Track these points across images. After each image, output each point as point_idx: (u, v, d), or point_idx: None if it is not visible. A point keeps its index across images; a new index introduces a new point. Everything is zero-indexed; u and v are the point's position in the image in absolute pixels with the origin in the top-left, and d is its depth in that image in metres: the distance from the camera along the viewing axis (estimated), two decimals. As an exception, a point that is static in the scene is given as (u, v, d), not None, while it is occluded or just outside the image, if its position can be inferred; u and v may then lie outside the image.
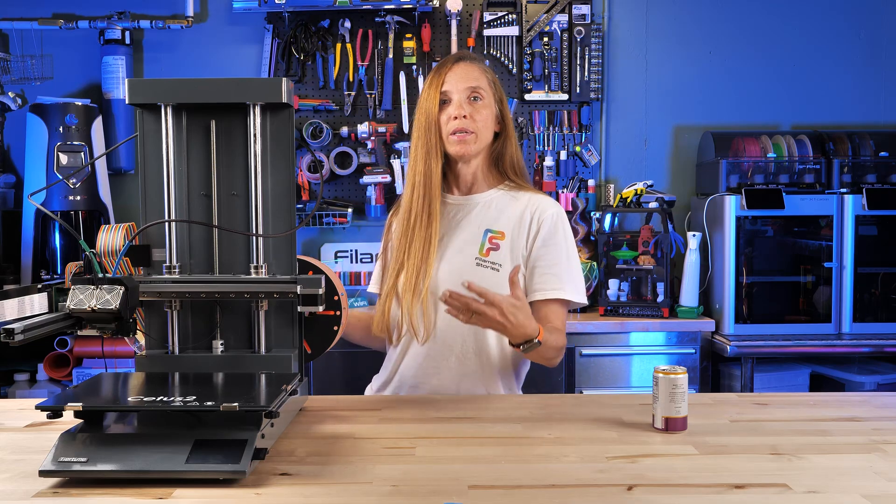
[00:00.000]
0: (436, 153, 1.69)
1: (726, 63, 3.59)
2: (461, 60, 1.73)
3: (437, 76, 1.71)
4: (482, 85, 1.71)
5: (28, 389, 3.04)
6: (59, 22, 3.43)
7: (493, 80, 1.76)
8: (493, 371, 1.72)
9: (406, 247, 1.70)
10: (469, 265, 1.69)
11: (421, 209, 1.68)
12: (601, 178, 3.61)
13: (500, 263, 1.69)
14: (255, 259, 1.38)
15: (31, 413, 1.49)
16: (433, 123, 1.69)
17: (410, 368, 1.73)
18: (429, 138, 1.69)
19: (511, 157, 1.78)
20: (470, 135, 1.68)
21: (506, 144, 1.77)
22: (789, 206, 3.11)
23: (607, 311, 3.21)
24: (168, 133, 1.36)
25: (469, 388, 1.71)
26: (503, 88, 3.49)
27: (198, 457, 1.10)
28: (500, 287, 1.66)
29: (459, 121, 1.67)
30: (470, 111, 1.68)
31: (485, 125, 1.71)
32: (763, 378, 3.12)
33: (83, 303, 1.22)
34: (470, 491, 1.08)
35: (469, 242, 1.72)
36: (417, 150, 1.71)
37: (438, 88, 1.70)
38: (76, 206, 3.15)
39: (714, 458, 1.22)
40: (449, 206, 1.77)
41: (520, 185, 1.79)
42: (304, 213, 3.38)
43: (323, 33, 3.48)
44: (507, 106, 1.77)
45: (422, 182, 1.69)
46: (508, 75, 3.53)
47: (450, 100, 1.70)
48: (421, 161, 1.70)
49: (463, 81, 1.70)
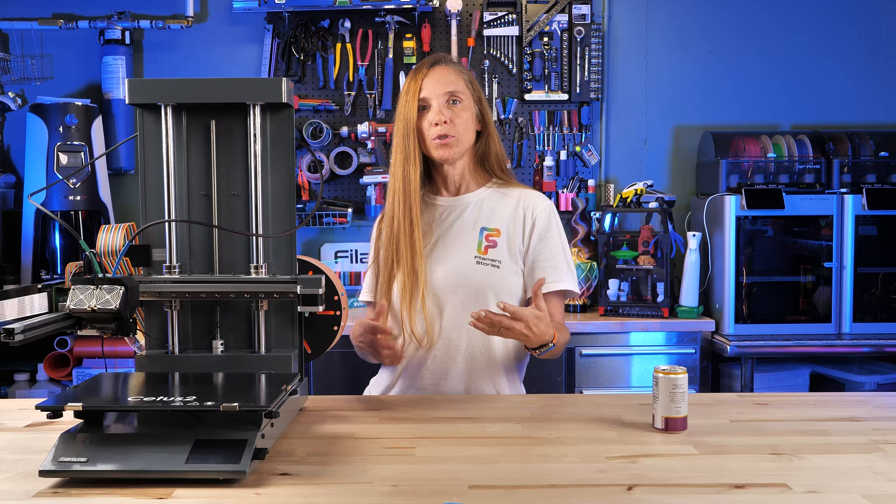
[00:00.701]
0: (414, 160, 1.69)
1: (726, 63, 3.59)
2: (437, 64, 1.73)
3: (413, 82, 1.70)
4: (460, 88, 1.71)
5: (28, 389, 3.04)
6: (59, 22, 3.43)
7: (471, 79, 1.76)
8: (499, 367, 1.73)
9: (394, 256, 1.69)
10: (469, 264, 1.70)
11: (402, 216, 1.68)
12: (601, 178, 3.61)
13: (499, 260, 1.70)
14: (255, 259, 1.38)
15: (31, 413, 1.49)
16: (412, 130, 1.69)
17: (416, 372, 1.73)
18: (406, 144, 1.69)
19: (496, 154, 1.79)
20: (451, 139, 1.69)
21: (489, 143, 1.78)
22: (789, 206, 3.11)
23: (607, 311, 3.21)
24: (168, 133, 1.36)
25: (477, 387, 1.71)
26: (503, 89, 3.54)
27: (198, 457, 1.10)
28: (501, 283, 1.69)
29: (440, 127, 1.68)
30: (450, 115, 1.69)
31: (465, 128, 1.71)
32: (763, 378, 3.12)
33: (83, 303, 1.22)
34: (470, 491, 1.08)
35: (466, 242, 1.72)
36: (396, 157, 1.71)
37: (416, 95, 1.69)
38: (76, 206, 3.15)
39: (714, 458, 1.22)
40: (440, 208, 1.77)
41: (507, 182, 1.80)
42: (304, 213, 3.38)
43: (323, 33, 3.48)
44: (486, 104, 1.77)
45: (401, 188, 1.69)
46: (508, 75, 3.53)
47: (429, 106, 1.70)
48: (399, 167, 1.69)
49: (440, 86, 1.69)
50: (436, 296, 1.69)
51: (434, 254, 1.72)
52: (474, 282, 1.68)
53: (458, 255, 1.71)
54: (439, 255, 1.72)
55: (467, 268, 1.69)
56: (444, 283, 1.69)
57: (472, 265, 1.70)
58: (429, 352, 1.71)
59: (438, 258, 1.72)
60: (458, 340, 1.70)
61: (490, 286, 1.69)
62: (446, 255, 1.72)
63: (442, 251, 1.73)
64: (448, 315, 1.70)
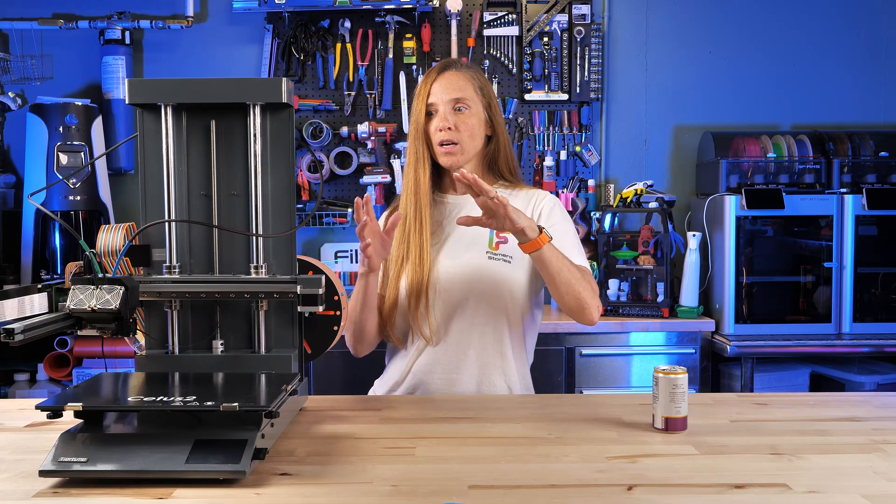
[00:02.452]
0: (423, 162, 1.74)
1: (726, 63, 3.59)
2: (446, 70, 1.76)
3: (423, 87, 1.75)
4: (467, 95, 1.74)
5: (28, 389, 3.03)
6: (59, 22, 3.43)
7: (482, 85, 1.78)
8: (511, 363, 1.73)
9: (404, 253, 1.73)
10: (481, 260, 1.71)
11: (413, 217, 1.73)
12: (601, 178, 3.61)
13: (510, 255, 1.72)
14: (255, 259, 1.38)
15: (31, 413, 1.49)
16: (421, 134, 1.74)
17: (428, 369, 1.73)
18: (417, 147, 1.75)
19: (505, 158, 1.81)
20: (456, 146, 1.72)
21: (498, 147, 1.80)
22: (789, 206, 3.11)
23: (607, 311, 3.21)
24: (168, 133, 1.36)
25: (489, 382, 1.72)
26: (503, 89, 3.54)
27: (198, 457, 1.10)
28: (514, 277, 1.71)
29: (444, 132, 1.71)
30: (455, 122, 1.72)
31: (470, 135, 1.73)
32: (763, 378, 3.12)
33: (83, 303, 1.22)
34: (470, 491, 1.08)
35: (476, 239, 1.74)
36: (409, 159, 1.78)
37: (425, 100, 1.74)
38: (76, 206, 3.15)
39: (714, 458, 1.22)
40: (449, 206, 1.80)
41: (515, 184, 1.82)
42: (304, 213, 3.38)
43: (323, 33, 3.48)
44: (497, 109, 1.80)
45: (412, 189, 1.75)
46: (508, 75, 3.53)
47: (435, 111, 1.74)
48: (411, 169, 1.76)
49: (447, 93, 1.73)
50: (449, 291, 1.70)
51: (445, 250, 1.74)
52: (488, 277, 1.70)
53: (468, 252, 1.73)
54: (451, 251, 1.74)
55: (481, 263, 1.71)
56: (458, 280, 1.70)
57: (484, 261, 1.72)
58: (440, 349, 1.72)
59: (450, 254, 1.74)
60: (469, 336, 1.71)
61: (503, 281, 1.70)
62: (456, 251, 1.74)
63: (453, 247, 1.75)
64: (460, 312, 1.71)
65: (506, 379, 1.73)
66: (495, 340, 1.72)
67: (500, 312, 1.71)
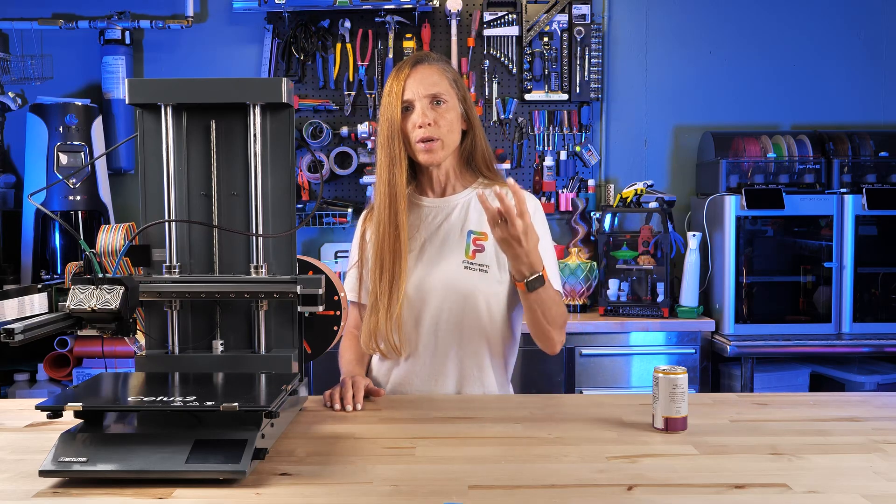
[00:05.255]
0: (399, 163, 1.64)
1: (726, 63, 3.59)
2: (419, 63, 1.67)
3: (396, 82, 1.65)
4: (443, 88, 1.66)
5: (28, 389, 3.04)
6: (59, 22, 3.43)
7: (455, 78, 1.70)
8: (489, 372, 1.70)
9: (380, 260, 1.65)
10: (457, 269, 1.67)
11: (388, 221, 1.64)
12: (601, 178, 3.61)
13: (486, 265, 1.67)
14: (255, 259, 1.38)
15: (31, 413, 1.49)
16: (396, 132, 1.64)
17: (405, 380, 1.71)
18: (392, 147, 1.64)
19: (482, 153, 1.75)
20: (436, 142, 1.65)
21: (475, 142, 1.74)
22: (789, 206, 3.11)
23: (607, 311, 3.21)
24: (168, 133, 1.36)
25: (468, 389, 1.70)
26: (503, 89, 3.54)
27: (198, 457, 1.10)
28: (489, 288, 1.66)
29: (424, 129, 1.63)
30: (434, 117, 1.64)
31: (450, 129, 1.66)
32: (763, 378, 3.12)
33: (83, 303, 1.22)
34: (470, 491, 1.08)
35: (453, 246, 1.69)
36: (381, 160, 1.66)
37: (399, 96, 1.64)
38: (76, 206, 3.15)
39: (714, 458, 1.22)
40: (426, 209, 1.73)
41: (494, 181, 1.75)
42: (304, 213, 3.38)
43: (323, 33, 3.48)
44: (471, 103, 1.73)
45: (386, 192, 1.64)
46: (508, 75, 3.53)
47: (412, 107, 1.64)
48: (385, 171, 1.65)
49: (424, 87, 1.64)
50: (423, 300, 1.66)
51: (422, 258, 1.69)
52: (462, 287, 1.65)
53: (445, 260, 1.68)
54: (427, 259, 1.69)
55: (456, 273, 1.66)
56: (432, 288, 1.66)
57: (459, 270, 1.66)
58: (417, 361, 1.69)
59: (426, 262, 1.68)
60: (447, 346, 1.67)
61: (479, 291, 1.65)
62: (434, 259, 1.68)
63: (429, 255, 1.69)
64: (437, 320, 1.66)
65: (484, 387, 1.70)
66: (473, 353, 1.68)
67: (476, 324, 1.66)
